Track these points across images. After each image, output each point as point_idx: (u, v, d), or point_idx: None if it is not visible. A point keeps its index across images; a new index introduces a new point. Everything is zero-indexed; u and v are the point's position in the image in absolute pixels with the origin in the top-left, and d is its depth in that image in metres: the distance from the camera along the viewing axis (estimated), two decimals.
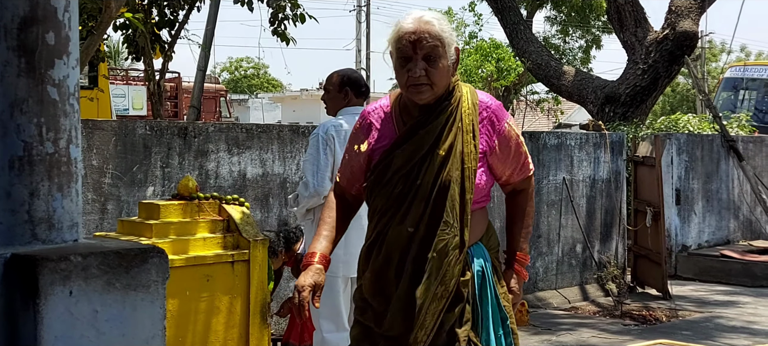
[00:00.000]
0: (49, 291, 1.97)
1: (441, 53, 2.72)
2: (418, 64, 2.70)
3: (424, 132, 2.77)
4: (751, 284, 8.74)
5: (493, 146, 2.82)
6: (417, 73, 2.69)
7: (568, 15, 26.26)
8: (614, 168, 8.56)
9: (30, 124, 2.15)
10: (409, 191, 2.75)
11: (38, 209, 2.16)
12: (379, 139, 2.87)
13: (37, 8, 2.16)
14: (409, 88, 2.74)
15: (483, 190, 2.84)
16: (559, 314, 7.41)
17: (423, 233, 2.71)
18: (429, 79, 2.71)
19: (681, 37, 11.81)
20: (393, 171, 2.77)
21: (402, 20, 2.78)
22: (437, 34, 2.71)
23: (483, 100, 2.85)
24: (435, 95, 2.74)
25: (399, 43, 2.72)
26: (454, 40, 2.80)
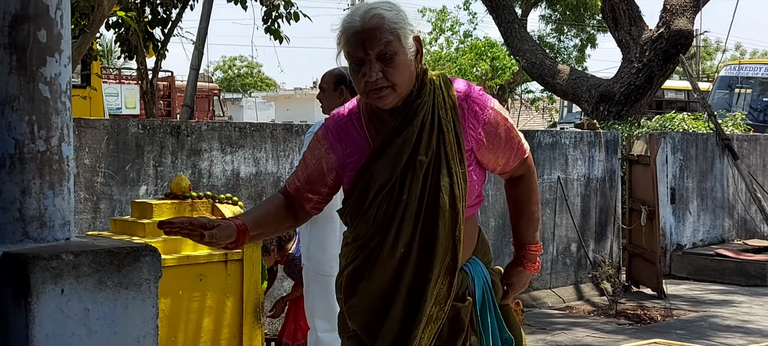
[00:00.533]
0: (41, 289, 1.96)
1: (397, 49, 2.39)
2: (373, 66, 2.37)
3: (400, 139, 2.45)
4: (746, 283, 8.75)
5: (480, 140, 2.51)
6: (373, 77, 2.37)
7: (563, 13, 26.30)
8: (609, 167, 8.56)
9: (21, 121, 2.14)
10: (396, 210, 2.45)
11: (30, 207, 2.15)
12: (349, 152, 2.53)
13: (28, 6, 2.15)
14: (369, 94, 2.42)
15: (476, 191, 2.57)
16: (553, 314, 7.41)
17: (416, 256, 2.44)
18: (388, 80, 2.39)
19: (676, 35, 11.83)
20: (375, 190, 2.45)
21: (347, 17, 2.45)
22: (389, 29, 2.38)
23: (460, 90, 2.52)
24: (400, 96, 2.43)
25: (348, 46, 2.41)
26: (413, 28, 2.47)
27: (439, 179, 2.43)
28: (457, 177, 2.45)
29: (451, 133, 2.46)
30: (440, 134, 2.45)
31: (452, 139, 2.45)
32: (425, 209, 2.43)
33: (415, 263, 2.44)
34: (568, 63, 22.87)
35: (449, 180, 2.44)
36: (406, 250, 2.45)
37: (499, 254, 7.45)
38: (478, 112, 2.51)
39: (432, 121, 2.45)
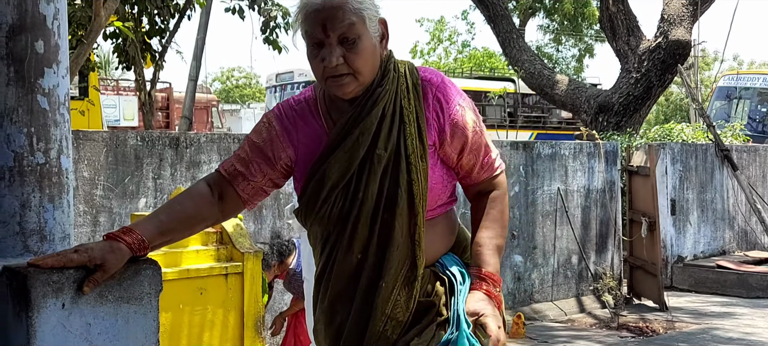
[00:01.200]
0: (42, 304, 1.93)
1: (361, 32, 2.13)
2: (334, 50, 2.12)
3: (358, 131, 2.20)
4: (747, 295, 8.72)
5: (444, 135, 2.23)
6: (333, 62, 2.11)
7: (561, 24, 26.35)
8: (609, 178, 8.53)
9: (20, 134, 2.10)
10: (352, 209, 2.20)
11: (30, 221, 2.12)
12: (304, 142, 2.28)
13: (25, 16, 2.12)
14: (328, 81, 2.16)
15: (441, 191, 2.28)
16: (555, 327, 7.37)
17: (373, 261, 2.20)
18: (350, 67, 2.13)
19: (674, 45, 11.83)
20: (329, 187, 2.20)
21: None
22: (353, 9, 2.12)
23: (426, 78, 2.26)
24: (362, 85, 2.17)
25: (306, 25, 2.14)
26: (378, 10, 2.21)
27: (398, 175, 2.19)
28: (418, 173, 2.20)
29: (413, 125, 2.21)
30: (402, 126, 2.21)
31: (414, 130, 2.21)
32: (383, 209, 2.20)
33: (371, 268, 2.20)
34: (566, 73, 22.90)
35: (408, 177, 2.20)
36: (363, 254, 2.21)
37: (500, 266, 7.42)
38: (444, 105, 2.24)
39: (393, 112, 2.21)
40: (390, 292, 2.19)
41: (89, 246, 1.98)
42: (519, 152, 7.60)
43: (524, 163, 7.63)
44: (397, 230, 2.19)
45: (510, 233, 7.54)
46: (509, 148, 7.58)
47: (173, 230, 2.18)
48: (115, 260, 1.98)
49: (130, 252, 2.02)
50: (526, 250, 7.69)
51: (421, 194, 2.20)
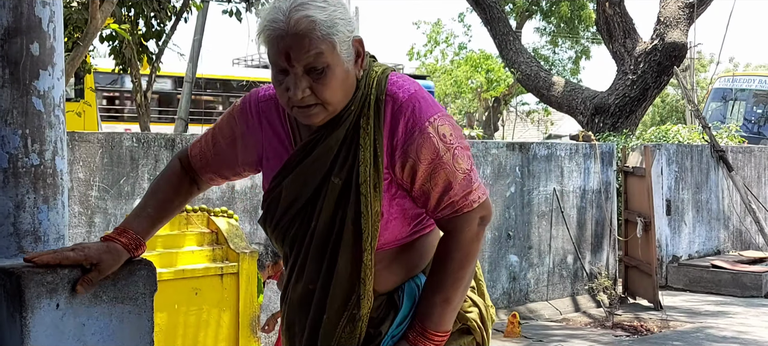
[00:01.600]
0: (36, 304, 1.94)
1: (330, 60, 1.88)
2: (300, 82, 1.87)
3: (315, 155, 1.99)
4: (742, 295, 8.76)
5: (394, 161, 1.95)
6: (299, 95, 1.88)
7: (558, 26, 26.38)
8: (604, 179, 8.56)
9: (15, 135, 2.12)
10: (305, 235, 2.02)
11: (24, 222, 2.13)
12: (269, 146, 2.10)
13: (21, 19, 2.13)
14: (294, 110, 1.93)
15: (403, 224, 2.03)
16: (550, 326, 7.39)
17: (320, 294, 2.02)
18: (318, 98, 1.89)
19: (670, 47, 11.87)
20: (283, 208, 2.04)
21: (270, 12, 1.91)
22: (322, 36, 1.86)
23: (391, 92, 1.96)
24: (332, 113, 1.94)
25: (269, 50, 1.91)
26: (352, 29, 1.94)
27: (346, 206, 1.97)
28: (368, 206, 1.95)
29: (368, 150, 1.95)
30: (356, 150, 1.96)
31: (369, 156, 1.95)
32: (333, 241, 2.00)
33: (319, 301, 2.03)
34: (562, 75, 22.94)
35: (355, 209, 1.96)
36: (313, 285, 2.04)
37: (496, 266, 7.44)
38: (401, 127, 1.94)
39: (353, 134, 1.97)
40: (333, 327, 2.01)
41: (86, 245, 1.98)
42: (515, 153, 7.63)
43: (520, 164, 7.66)
44: (341, 266, 1.99)
45: (506, 233, 7.57)
46: (505, 148, 7.61)
47: (162, 219, 2.17)
48: (111, 260, 1.98)
49: (127, 253, 2.02)
50: (521, 250, 7.72)
51: (369, 229, 1.96)
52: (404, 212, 2.02)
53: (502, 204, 7.51)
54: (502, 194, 7.50)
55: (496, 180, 7.44)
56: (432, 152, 1.93)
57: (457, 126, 2.01)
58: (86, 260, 1.95)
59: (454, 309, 2.01)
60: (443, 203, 1.97)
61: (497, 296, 7.45)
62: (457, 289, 1.99)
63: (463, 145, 1.99)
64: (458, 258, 1.98)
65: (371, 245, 1.97)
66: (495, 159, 7.44)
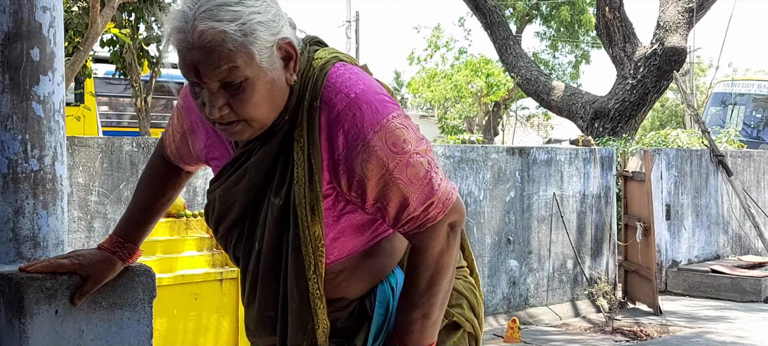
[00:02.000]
0: (35, 310, 1.94)
1: (248, 73, 1.60)
2: (215, 99, 1.62)
3: (249, 167, 1.75)
4: (741, 299, 8.75)
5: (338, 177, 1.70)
6: (215, 114, 1.63)
7: (558, 30, 26.41)
8: (604, 183, 8.56)
9: (14, 141, 2.12)
10: (250, 257, 1.82)
11: (23, 227, 2.13)
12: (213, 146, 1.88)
13: (21, 24, 2.14)
14: (216, 126, 1.69)
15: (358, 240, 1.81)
16: (550, 331, 7.39)
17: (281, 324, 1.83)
18: (238, 115, 1.64)
19: (669, 52, 11.88)
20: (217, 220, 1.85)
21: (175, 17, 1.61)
22: (235, 47, 1.58)
23: (326, 98, 1.67)
24: (261, 128, 1.69)
25: (178, 60, 1.64)
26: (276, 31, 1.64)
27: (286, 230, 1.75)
28: (306, 230, 1.71)
29: (303, 166, 1.69)
30: (292, 167, 1.71)
31: (303, 173, 1.70)
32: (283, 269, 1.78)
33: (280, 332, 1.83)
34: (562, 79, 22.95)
35: (294, 232, 1.73)
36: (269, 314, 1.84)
37: (495, 271, 7.44)
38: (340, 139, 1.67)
39: (288, 147, 1.72)
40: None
41: (81, 254, 1.98)
42: (515, 157, 7.63)
43: (520, 169, 7.66)
44: (291, 294, 1.77)
45: (506, 238, 7.57)
46: (505, 153, 7.61)
47: (155, 216, 2.09)
48: (106, 272, 1.96)
49: (122, 264, 2.00)
50: (521, 254, 7.71)
51: (310, 257, 1.73)
52: (357, 227, 1.79)
53: (502, 209, 7.51)
54: (501, 199, 7.50)
55: (495, 185, 7.45)
56: (380, 167, 1.66)
57: (411, 126, 1.72)
58: (81, 269, 1.94)
59: (436, 323, 1.82)
60: (402, 220, 1.73)
61: (497, 301, 7.45)
62: (434, 304, 1.79)
63: (419, 149, 1.71)
64: (429, 276, 1.77)
65: (316, 272, 1.74)
66: (495, 164, 7.45)
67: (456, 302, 1.92)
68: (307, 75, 1.71)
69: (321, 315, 1.77)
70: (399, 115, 1.70)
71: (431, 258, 1.76)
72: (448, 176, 6.98)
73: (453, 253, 1.80)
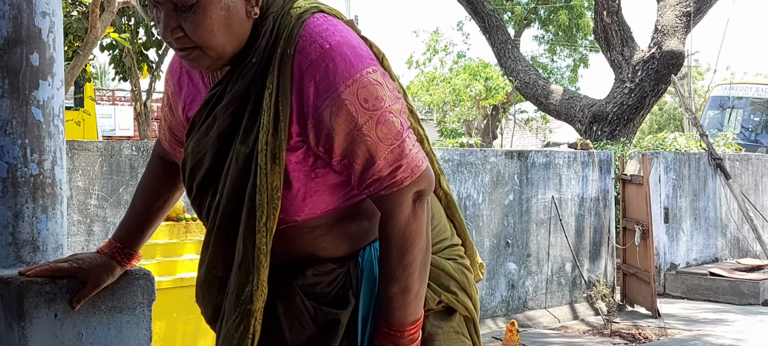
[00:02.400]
0: (34, 314, 1.95)
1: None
2: (167, 20, 1.60)
3: (217, 111, 1.71)
4: (739, 302, 8.76)
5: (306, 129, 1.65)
6: (167, 37, 1.62)
7: (556, 34, 26.43)
8: (602, 186, 8.57)
9: (14, 145, 2.13)
10: (209, 212, 1.76)
11: (23, 231, 2.14)
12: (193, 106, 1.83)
13: (21, 29, 2.15)
14: (176, 53, 1.69)
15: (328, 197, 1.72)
16: (548, 334, 7.40)
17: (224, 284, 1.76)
18: (192, 40, 1.62)
19: (667, 56, 11.91)
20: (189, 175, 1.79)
21: None
22: None
23: (302, 48, 1.63)
24: (220, 58, 1.66)
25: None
26: None
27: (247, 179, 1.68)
28: (264, 179, 1.65)
29: (269, 113, 1.64)
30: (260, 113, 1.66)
31: (268, 120, 1.65)
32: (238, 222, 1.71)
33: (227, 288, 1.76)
34: (560, 83, 22.98)
35: (253, 182, 1.67)
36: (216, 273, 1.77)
37: (494, 274, 7.45)
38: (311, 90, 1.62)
39: (259, 93, 1.67)
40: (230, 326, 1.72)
41: (81, 257, 1.99)
42: (513, 161, 7.64)
43: (519, 172, 7.67)
44: (238, 249, 1.70)
45: (504, 241, 7.58)
46: (504, 156, 7.63)
47: (153, 226, 2.07)
48: (105, 276, 1.97)
49: (121, 269, 2.00)
50: (520, 258, 7.72)
51: (264, 207, 1.66)
52: (331, 187, 1.71)
53: (501, 212, 7.53)
54: (500, 202, 7.51)
55: (494, 188, 7.46)
56: (348, 122, 1.62)
57: (388, 85, 1.67)
58: (80, 273, 1.94)
59: (418, 296, 1.72)
60: (367, 179, 1.66)
61: (496, 304, 7.46)
62: (412, 275, 1.70)
63: (393, 108, 1.66)
64: (399, 244, 1.69)
65: (266, 225, 1.66)
66: (493, 167, 7.46)
67: (445, 284, 1.83)
68: (284, 22, 1.67)
69: (262, 275, 1.68)
70: (375, 71, 1.65)
71: (398, 226, 1.69)
72: (446, 179, 6.99)
73: (422, 223, 1.71)
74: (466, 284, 1.88)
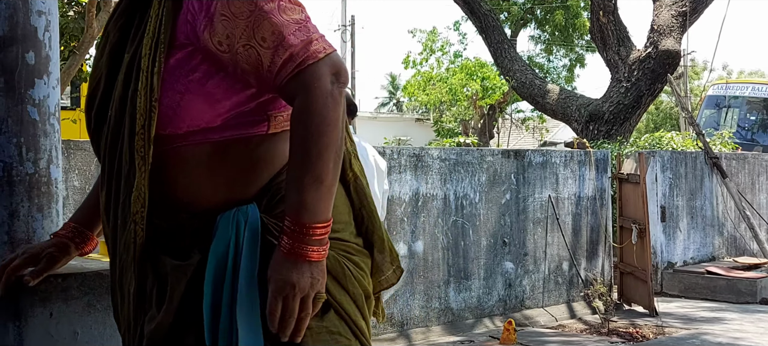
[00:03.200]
0: (30, 313, 1.94)
1: None
2: None
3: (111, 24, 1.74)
4: (737, 301, 8.77)
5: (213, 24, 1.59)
6: None
7: (552, 34, 26.46)
8: (599, 186, 8.58)
9: (9, 144, 2.12)
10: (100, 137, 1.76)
11: (18, 230, 2.13)
12: None
13: (16, 28, 2.14)
14: None
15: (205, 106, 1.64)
16: (546, 333, 7.40)
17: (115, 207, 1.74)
18: None
19: (663, 55, 11.92)
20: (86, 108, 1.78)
21: None
22: None
23: None
24: None
25: None
26: None
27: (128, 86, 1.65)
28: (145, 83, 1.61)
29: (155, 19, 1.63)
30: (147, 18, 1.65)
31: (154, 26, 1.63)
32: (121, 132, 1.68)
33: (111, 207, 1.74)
34: (557, 83, 23.00)
35: (134, 86, 1.63)
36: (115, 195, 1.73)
37: (491, 273, 7.46)
38: None
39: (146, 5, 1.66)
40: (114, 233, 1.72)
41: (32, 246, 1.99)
42: (510, 160, 7.64)
43: (516, 172, 7.67)
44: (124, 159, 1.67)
45: (501, 240, 7.58)
46: (501, 156, 7.63)
47: None
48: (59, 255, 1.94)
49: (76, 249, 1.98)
50: (517, 257, 7.73)
51: (142, 109, 1.61)
52: (209, 93, 1.64)
53: (498, 211, 7.53)
54: (497, 202, 7.51)
55: (491, 187, 7.46)
56: (248, 4, 1.58)
57: None
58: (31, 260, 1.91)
59: (330, 189, 1.61)
60: (280, 59, 1.58)
61: (493, 303, 7.46)
62: (326, 163, 1.59)
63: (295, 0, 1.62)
64: (315, 123, 1.57)
65: (145, 127, 1.62)
66: (490, 166, 7.46)
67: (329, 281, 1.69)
68: None
69: (139, 179, 1.64)
70: None
71: (315, 101, 1.58)
72: (443, 178, 7.00)
73: (339, 111, 1.61)
74: (343, 280, 1.71)
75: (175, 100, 1.63)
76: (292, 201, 1.60)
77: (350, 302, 1.71)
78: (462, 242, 7.16)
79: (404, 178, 6.70)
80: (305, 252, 1.58)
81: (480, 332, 7.06)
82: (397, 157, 6.69)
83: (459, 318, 7.11)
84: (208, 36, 1.59)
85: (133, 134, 1.63)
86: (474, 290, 7.26)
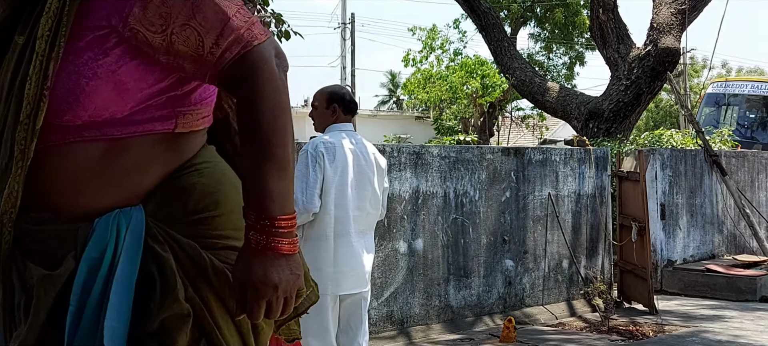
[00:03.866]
0: None
1: None
2: None
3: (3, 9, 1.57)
4: (736, 298, 8.79)
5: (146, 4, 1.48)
6: None
7: (552, 32, 26.46)
8: (599, 183, 8.60)
9: None
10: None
11: None
12: None
13: None
14: None
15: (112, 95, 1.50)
16: (546, 330, 7.42)
17: None
18: None
19: (663, 53, 11.92)
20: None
21: None
22: None
23: None
24: None
25: None
26: None
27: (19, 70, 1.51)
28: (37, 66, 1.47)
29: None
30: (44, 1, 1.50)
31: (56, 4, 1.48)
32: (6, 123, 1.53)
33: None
34: (557, 81, 23.02)
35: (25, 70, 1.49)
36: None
37: (491, 271, 7.47)
38: None
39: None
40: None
41: None
42: (510, 158, 7.66)
43: (516, 169, 7.69)
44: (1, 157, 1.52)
45: (501, 238, 7.60)
46: (501, 154, 7.65)
47: None
48: None
49: None
50: (517, 254, 7.75)
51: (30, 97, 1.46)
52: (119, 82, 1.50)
53: (498, 209, 7.54)
54: (497, 199, 7.53)
55: (491, 185, 7.48)
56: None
57: None
58: None
59: (292, 178, 1.54)
60: (225, 40, 1.50)
61: (493, 301, 7.48)
62: (287, 148, 1.50)
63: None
64: (270, 108, 1.49)
65: (31, 117, 1.47)
66: (490, 164, 7.48)
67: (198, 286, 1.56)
68: None
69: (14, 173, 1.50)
70: None
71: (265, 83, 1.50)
72: (443, 176, 7.02)
73: (287, 93, 1.54)
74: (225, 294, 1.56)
75: (79, 85, 1.48)
76: (256, 193, 1.49)
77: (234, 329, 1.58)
78: (462, 240, 7.18)
79: (404, 176, 6.72)
80: (278, 246, 1.48)
81: (480, 329, 7.08)
82: (397, 155, 6.71)
83: (459, 316, 7.13)
84: (139, 13, 1.47)
85: (16, 124, 1.48)
86: (474, 287, 7.28)
